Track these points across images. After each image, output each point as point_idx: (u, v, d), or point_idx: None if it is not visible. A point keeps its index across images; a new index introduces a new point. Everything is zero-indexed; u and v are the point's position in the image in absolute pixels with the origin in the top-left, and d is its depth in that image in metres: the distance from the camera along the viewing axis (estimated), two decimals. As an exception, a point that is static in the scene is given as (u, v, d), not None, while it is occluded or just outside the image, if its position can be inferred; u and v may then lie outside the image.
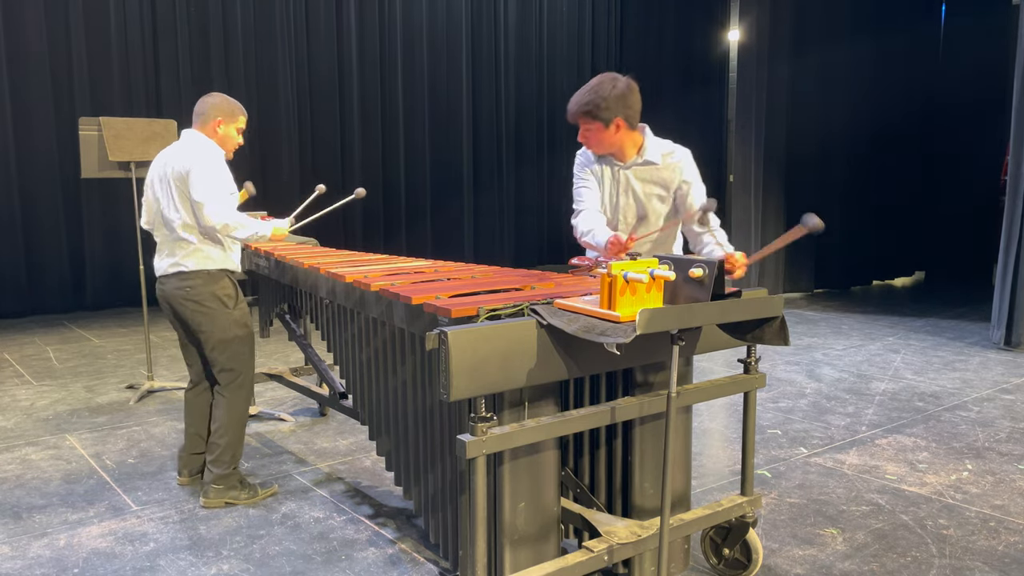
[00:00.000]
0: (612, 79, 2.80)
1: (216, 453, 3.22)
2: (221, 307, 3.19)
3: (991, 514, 3.13)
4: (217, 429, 3.24)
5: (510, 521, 2.16)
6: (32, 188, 7.42)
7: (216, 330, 3.19)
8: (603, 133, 2.83)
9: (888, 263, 10.04)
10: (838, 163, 8.98)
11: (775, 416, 4.41)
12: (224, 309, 3.20)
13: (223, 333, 3.20)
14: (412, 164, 9.87)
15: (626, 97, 2.79)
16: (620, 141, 2.86)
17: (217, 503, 3.20)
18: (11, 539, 2.95)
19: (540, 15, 10.81)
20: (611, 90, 2.77)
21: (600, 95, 2.77)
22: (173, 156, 3.14)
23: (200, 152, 3.12)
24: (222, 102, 3.24)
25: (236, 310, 3.24)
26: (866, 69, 9.07)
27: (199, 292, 3.16)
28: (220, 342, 3.20)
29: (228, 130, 3.25)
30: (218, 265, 3.21)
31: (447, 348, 1.86)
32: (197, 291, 3.16)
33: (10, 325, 7.10)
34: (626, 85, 2.80)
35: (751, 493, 2.57)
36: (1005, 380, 5.16)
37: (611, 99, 2.76)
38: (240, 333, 3.25)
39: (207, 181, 3.08)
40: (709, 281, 2.02)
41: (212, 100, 3.24)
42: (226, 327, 3.20)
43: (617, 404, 2.21)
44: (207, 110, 3.21)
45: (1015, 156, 6.03)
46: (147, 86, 7.86)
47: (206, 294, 3.16)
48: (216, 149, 3.20)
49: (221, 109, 3.22)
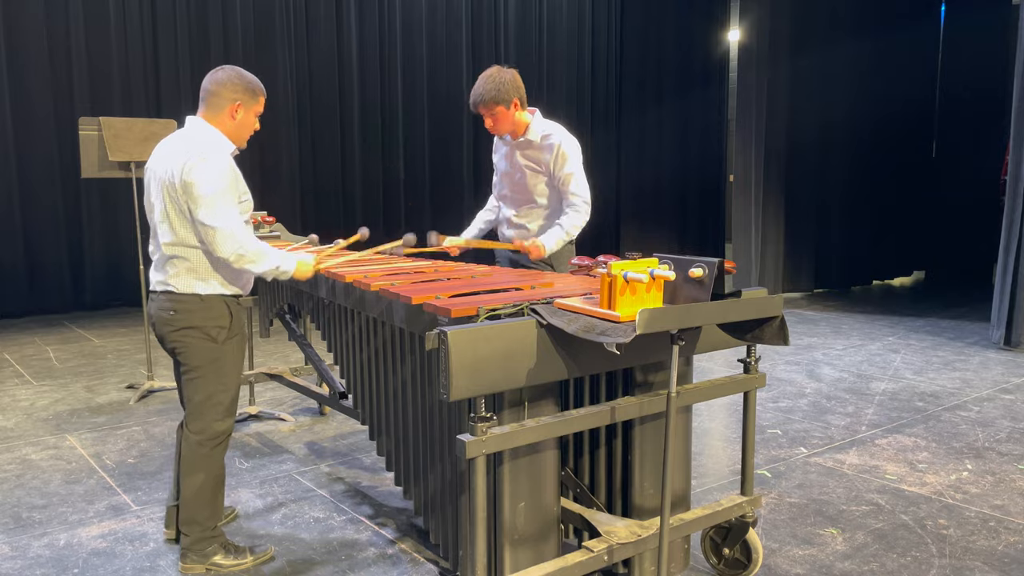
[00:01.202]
0: (499, 69, 3.30)
1: (187, 513, 2.64)
2: (205, 341, 2.57)
3: (991, 514, 3.13)
4: (184, 484, 2.65)
5: (510, 521, 2.16)
6: (32, 188, 7.41)
7: (193, 362, 2.60)
8: (506, 114, 3.32)
9: (888, 263, 10.04)
10: (838, 163, 8.99)
11: (775, 416, 4.41)
12: (208, 343, 2.58)
13: (202, 367, 2.60)
14: (412, 164, 9.87)
15: (516, 80, 3.32)
16: (518, 120, 3.38)
17: (197, 570, 2.66)
18: (11, 539, 2.95)
19: (540, 15, 10.80)
20: (504, 76, 3.28)
21: (498, 82, 3.26)
22: (170, 155, 2.51)
23: (203, 155, 2.45)
24: (238, 80, 2.58)
25: (227, 345, 2.61)
26: (866, 69, 9.07)
27: (183, 319, 2.57)
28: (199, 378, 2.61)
29: (248, 116, 2.63)
30: (214, 289, 2.58)
31: (447, 348, 1.86)
32: (181, 318, 2.57)
33: (10, 325, 7.10)
34: (512, 72, 3.31)
35: (751, 493, 2.57)
36: (1005, 380, 5.16)
37: (507, 83, 3.27)
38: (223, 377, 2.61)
39: (216, 198, 2.45)
40: (709, 281, 2.02)
41: (225, 77, 2.57)
42: (207, 362, 2.59)
43: (617, 404, 2.21)
44: (219, 90, 2.56)
45: (1015, 156, 6.03)
46: (147, 86, 7.86)
47: (192, 323, 2.57)
48: (224, 147, 2.56)
49: (238, 89, 2.57)
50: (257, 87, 2.64)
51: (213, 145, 2.52)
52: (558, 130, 3.44)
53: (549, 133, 3.42)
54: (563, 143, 3.39)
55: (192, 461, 2.63)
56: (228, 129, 2.60)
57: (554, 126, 3.45)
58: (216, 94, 2.56)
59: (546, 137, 3.42)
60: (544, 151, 3.41)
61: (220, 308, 2.60)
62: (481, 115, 3.35)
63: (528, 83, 12.27)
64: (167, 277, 2.58)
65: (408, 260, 3.32)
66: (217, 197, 2.45)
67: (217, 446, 2.66)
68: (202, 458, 2.64)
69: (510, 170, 3.54)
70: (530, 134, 3.42)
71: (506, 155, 3.55)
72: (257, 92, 2.64)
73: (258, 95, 2.64)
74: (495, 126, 3.37)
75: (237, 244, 2.48)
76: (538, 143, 3.42)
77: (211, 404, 2.62)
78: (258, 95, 2.64)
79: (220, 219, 2.45)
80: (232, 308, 2.63)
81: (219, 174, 2.45)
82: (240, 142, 2.67)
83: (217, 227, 2.45)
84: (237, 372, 2.67)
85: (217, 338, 2.59)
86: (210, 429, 2.63)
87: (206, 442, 2.64)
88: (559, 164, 3.39)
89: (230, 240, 2.46)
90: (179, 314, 2.57)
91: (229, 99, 2.57)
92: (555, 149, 3.38)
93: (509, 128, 3.39)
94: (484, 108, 3.30)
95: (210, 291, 2.58)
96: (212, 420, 2.63)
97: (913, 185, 10.11)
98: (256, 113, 2.65)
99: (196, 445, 2.63)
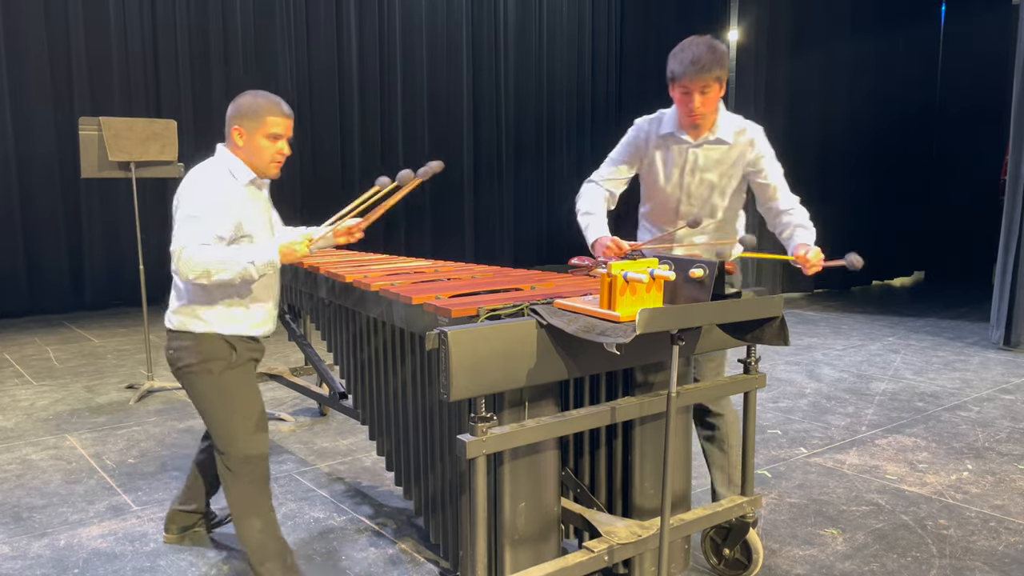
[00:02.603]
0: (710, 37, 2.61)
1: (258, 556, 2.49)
2: (203, 375, 2.41)
3: (991, 514, 3.13)
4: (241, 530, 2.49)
5: (510, 521, 2.16)
6: (32, 188, 7.42)
7: (197, 400, 2.46)
8: (719, 93, 2.62)
9: (888, 263, 10.04)
10: (837, 163, 8.99)
11: (775, 416, 4.41)
12: (206, 377, 2.41)
13: (205, 400, 2.44)
14: (412, 164, 9.85)
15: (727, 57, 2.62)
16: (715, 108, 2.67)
17: None
18: (11, 539, 2.95)
19: (540, 15, 10.81)
20: (721, 46, 2.58)
21: (720, 51, 2.56)
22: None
23: (194, 180, 2.35)
24: (244, 102, 2.39)
25: (226, 375, 2.42)
26: (866, 69, 9.07)
27: (179, 358, 2.43)
28: (205, 414, 2.46)
29: (254, 139, 2.38)
30: (210, 328, 2.40)
31: (447, 348, 1.86)
32: (178, 356, 2.43)
33: (10, 325, 7.10)
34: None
35: (751, 493, 2.57)
36: (1005, 380, 5.16)
37: (725, 55, 2.59)
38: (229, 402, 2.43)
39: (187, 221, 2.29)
40: (709, 281, 2.02)
41: (235, 102, 2.43)
42: (210, 395, 2.42)
43: (617, 404, 2.21)
44: (227, 116, 2.43)
45: (1015, 156, 6.03)
46: (147, 86, 7.86)
47: (186, 361, 2.42)
48: (223, 175, 2.36)
49: (236, 113, 2.39)
50: (263, 106, 2.37)
51: (211, 171, 2.37)
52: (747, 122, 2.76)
53: (744, 127, 2.73)
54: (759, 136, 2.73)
55: (240, 503, 2.46)
56: (243, 156, 2.40)
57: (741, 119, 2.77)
58: (227, 122, 2.42)
59: (741, 132, 2.72)
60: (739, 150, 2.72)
61: (217, 344, 2.41)
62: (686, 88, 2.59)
63: (528, 83, 12.27)
64: (170, 311, 2.47)
65: (408, 260, 3.31)
66: (188, 220, 2.28)
67: (253, 476, 2.45)
68: (247, 499, 2.45)
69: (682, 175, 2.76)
70: (720, 132, 2.70)
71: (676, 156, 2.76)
72: (261, 113, 2.36)
73: (262, 115, 2.36)
74: (703, 106, 2.60)
75: (195, 262, 2.23)
76: (731, 143, 2.72)
77: (227, 433, 2.43)
78: (262, 115, 2.36)
79: (179, 240, 2.26)
80: (233, 344, 2.42)
81: (200, 199, 2.29)
82: (262, 170, 2.42)
83: (173, 250, 2.26)
84: (246, 395, 2.45)
85: (212, 368, 2.41)
86: (236, 453, 2.43)
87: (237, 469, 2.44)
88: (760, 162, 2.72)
89: (185, 260, 2.24)
90: (176, 352, 2.44)
91: (230, 125, 2.40)
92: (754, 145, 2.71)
93: (711, 111, 2.65)
94: (701, 78, 2.55)
95: (205, 329, 2.40)
96: (234, 446, 2.43)
97: (913, 185, 10.11)
98: (266, 135, 2.37)
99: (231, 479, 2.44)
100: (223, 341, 2.41)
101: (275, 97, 2.41)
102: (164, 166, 4.82)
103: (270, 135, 2.38)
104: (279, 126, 2.39)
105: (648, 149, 2.81)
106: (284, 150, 2.42)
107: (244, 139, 2.38)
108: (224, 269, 2.25)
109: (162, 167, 4.82)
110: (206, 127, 8.18)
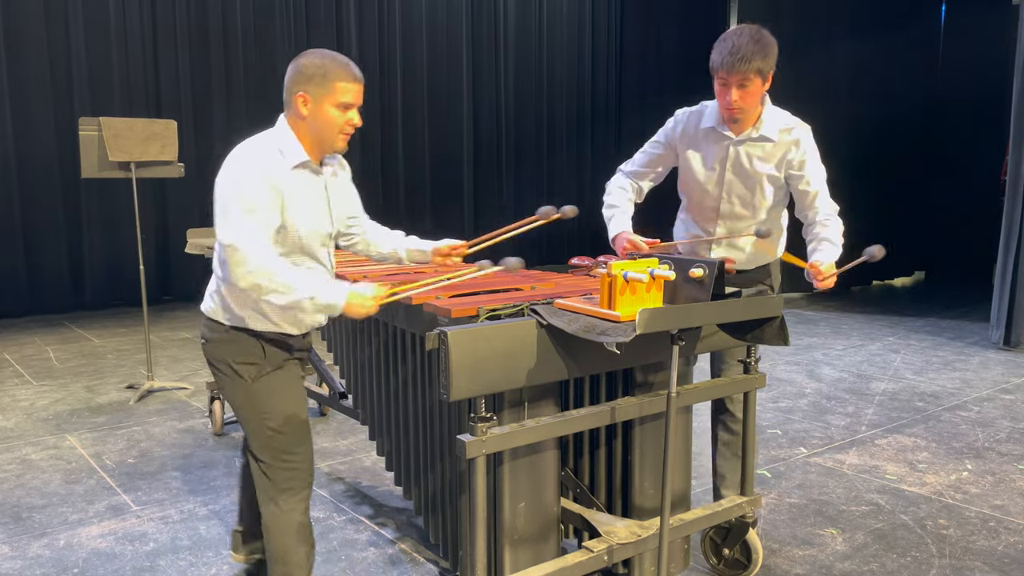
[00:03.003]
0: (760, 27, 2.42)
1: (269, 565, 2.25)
2: (235, 378, 2.15)
3: (991, 514, 3.13)
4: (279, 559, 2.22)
5: (510, 521, 2.16)
6: (32, 188, 7.41)
7: (229, 398, 2.21)
8: (761, 89, 2.47)
9: (888, 263, 10.02)
10: (838, 163, 8.96)
11: (775, 416, 4.41)
12: (238, 381, 2.15)
13: (240, 412, 2.18)
14: (412, 164, 9.87)
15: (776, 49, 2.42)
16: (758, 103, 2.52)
17: None
18: (11, 539, 2.95)
19: (540, 15, 10.81)
20: (771, 38, 2.40)
21: (767, 44, 2.39)
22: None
23: (236, 156, 2.03)
24: (308, 63, 2.04)
25: (259, 383, 2.14)
26: (866, 69, 9.07)
27: (210, 349, 2.19)
28: (240, 419, 2.21)
29: (321, 109, 2.04)
30: (240, 322, 2.12)
31: (447, 348, 1.86)
32: (209, 347, 2.19)
33: (10, 325, 7.10)
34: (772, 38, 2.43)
35: (751, 493, 2.57)
36: (1005, 380, 5.16)
37: (774, 48, 2.41)
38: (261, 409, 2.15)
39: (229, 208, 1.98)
40: (709, 281, 2.02)
41: (292, 65, 2.08)
42: (243, 405, 2.17)
43: (617, 404, 2.21)
44: (287, 82, 2.08)
45: (1015, 156, 6.03)
46: (147, 86, 7.86)
47: (217, 355, 2.17)
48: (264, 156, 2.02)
49: (300, 76, 2.04)
50: (330, 71, 2.03)
51: (257, 147, 2.04)
52: (795, 119, 2.62)
53: (791, 126, 2.59)
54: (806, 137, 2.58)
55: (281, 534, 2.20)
56: (304, 130, 2.08)
57: (788, 116, 2.63)
58: (286, 88, 2.08)
59: (787, 131, 2.58)
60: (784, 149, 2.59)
61: (246, 342, 2.13)
62: (724, 80, 2.44)
63: (528, 83, 12.26)
64: (207, 294, 2.20)
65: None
66: (230, 207, 1.97)
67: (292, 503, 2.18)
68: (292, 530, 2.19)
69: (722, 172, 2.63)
70: (764, 128, 2.55)
71: (714, 154, 2.63)
72: (329, 77, 2.02)
73: (331, 79, 2.02)
74: (741, 100, 2.44)
75: (248, 268, 1.94)
76: (776, 141, 2.57)
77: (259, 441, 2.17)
78: (331, 79, 2.02)
79: (231, 233, 1.95)
80: (263, 345, 2.14)
81: (240, 180, 1.98)
82: (326, 144, 2.10)
83: (226, 243, 1.95)
84: (283, 404, 2.16)
85: (244, 375, 2.13)
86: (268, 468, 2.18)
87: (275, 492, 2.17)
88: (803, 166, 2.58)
89: (239, 262, 1.94)
90: (208, 343, 2.19)
91: (292, 91, 2.06)
92: (799, 146, 2.57)
93: (752, 106, 2.49)
94: (740, 71, 2.38)
95: (235, 323, 2.12)
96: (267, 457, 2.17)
97: (913, 185, 10.11)
98: (336, 104, 2.04)
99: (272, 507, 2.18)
100: (254, 340, 2.13)
101: (342, 57, 2.07)
102: (164, 166, 4.82)
103: (340, 104, 2.05)
104: (350, 93, 2.06)
105: (681, 143, 2.66)
106: (355, 120, 2.10)
107: (310, 108, 2.05)
108: (278, 292, 1.97)
109: (162, 167, 4.82)
110: (206, 127, 8.17)
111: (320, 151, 2.13)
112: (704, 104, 2.67)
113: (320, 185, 2.15)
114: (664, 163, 2.77)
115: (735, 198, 2.64)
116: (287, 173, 2.04)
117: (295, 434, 2.18)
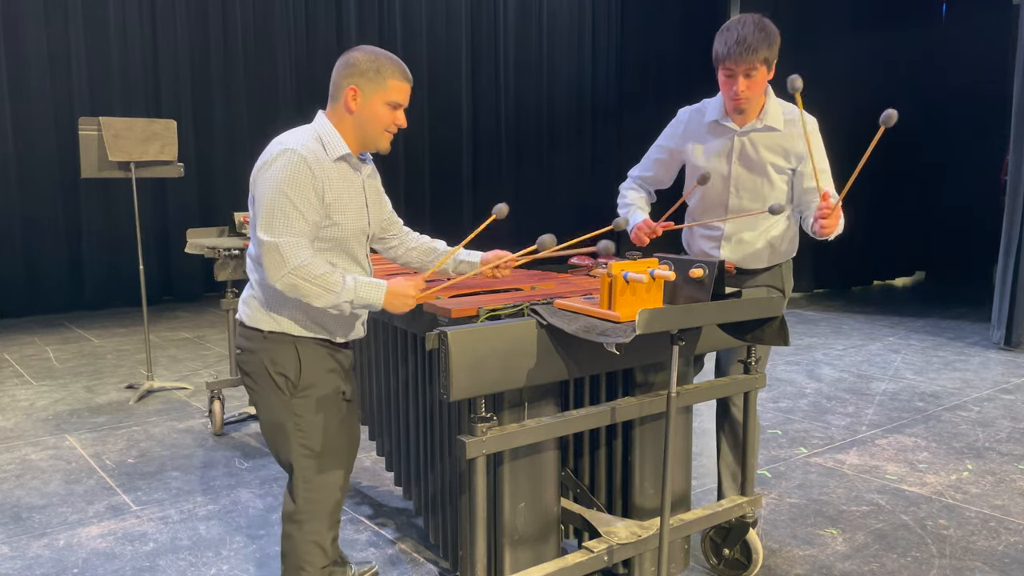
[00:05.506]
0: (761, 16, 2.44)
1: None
2: (272, 388, 2.05)
3: (991, 514, 3.13)
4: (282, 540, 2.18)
5: (510, 521, 2.16)
6: (32, 188, 7.42)
7: (263, 415, 2.10)
8: (766, 78, 2.46)
9: (888, 263, 10.04)
10: (838, 162, 8.98)
11: (775, 416, 4.41)
12: (275, 392, 2.05)
13: (272, 427, 2.08)
14: (412, 164, 9.87)
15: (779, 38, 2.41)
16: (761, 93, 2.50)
17: None
18: (11, 539, 2.95)
19: (540, 15, 10.81)
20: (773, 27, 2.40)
21: (771, 32, 2.40)
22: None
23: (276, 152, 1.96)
24: (361, 57, 2.01)
25: (297, 399, 2.05)
26: (866, 69, 9.07)
27: (245, 360, 2.08)
28: (270, 436, 2.10)
29: (371, 104, 2.01)
30: (280, 326, 2.04)
31: (447, 348, 1.86)
32: (244, 358, 2.08)
33: (10, 325, 7.10)
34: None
35: (751, 493, 2.57)
36: (1005, 380, 5.16)
37: (777, 37, 2.41)
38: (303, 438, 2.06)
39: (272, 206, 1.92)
40: (709, 281, 2.02)
41: (342, 59, 2.04)
42: (276, 419, 2.06)
43: (617, 404, 2.21)
44: (335, 76, 2.04)
45: (1015, 156, 6.03)
46: (147, 86, 7.86)
47: (255, 363, 2.06)
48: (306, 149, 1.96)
49: (353, 71, 2.00)
50: (384, 68, 2.00)
51: (297, 140, 1.97)
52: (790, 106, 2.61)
53: (795, 115, 2.57)
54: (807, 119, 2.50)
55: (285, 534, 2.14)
56: (349, 125, 2.03)
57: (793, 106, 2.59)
58: (333, 82, 2.04)
59: (792, 120, 2.57)
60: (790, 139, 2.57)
61: (288, 350, 2.03)
62: (730, 70, 2.43)
63: (528, 82, 12.26)
64: (242, 301, 2.12)
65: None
66: (273, 205, 1.91)
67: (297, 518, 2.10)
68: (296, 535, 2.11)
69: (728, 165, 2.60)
70: (768, 118, 2.54)
71: (719, 148, 2.61)
72: (383, 74, 2.00)
73: (384, 77, 2.00)
74: (748, 90, 2.44)
75: (287, 267, 1.90)
76: (782, 131, 2.55)
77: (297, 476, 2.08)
78: (384, 77, 2.00)
79: (272, 232, 1.91)
80: (303, 354, 2.04)
81: (280, 177, 1.92)
82: (372, 141, 2.06)
83: (265, 241, 1.91)
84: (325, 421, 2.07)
85: (283, 388, 2.03)
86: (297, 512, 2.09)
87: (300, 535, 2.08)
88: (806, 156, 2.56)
89: (278, 262, 1.90)
90: (243, 353, 2.08)
91: (342, 85, 2.01)
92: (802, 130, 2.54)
93: (757, 95, 2.49)
94: (746, 60, 2.38)
95: (275, 328, 2.03)
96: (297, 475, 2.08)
97: (913, 185, 10.11)
98: (386, 101, 2.02)
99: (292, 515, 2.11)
100: (291, 347, 2.03)
101: (395, 57, 2.06)
102: (164, 166, 4.82)
103: (390, 102, 2.02)
104: (402, 92, 2.04)
105: (686, 141, 2.67)
106: (401, 121, 2.07)
107: (359, 102, 2.01)
108: (316, 293, 1.92)
109: (162, 167, 4.82)
110: (206, 127, 8.17)
111: (362, 148, 2.09)
112: (706, 101, 2.68)
113: (359, 182, 2.11)
114: (670, 166, 2.79)
115: (743, 192, 2.62)
116: (329, 165, 2.00)
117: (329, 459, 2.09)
